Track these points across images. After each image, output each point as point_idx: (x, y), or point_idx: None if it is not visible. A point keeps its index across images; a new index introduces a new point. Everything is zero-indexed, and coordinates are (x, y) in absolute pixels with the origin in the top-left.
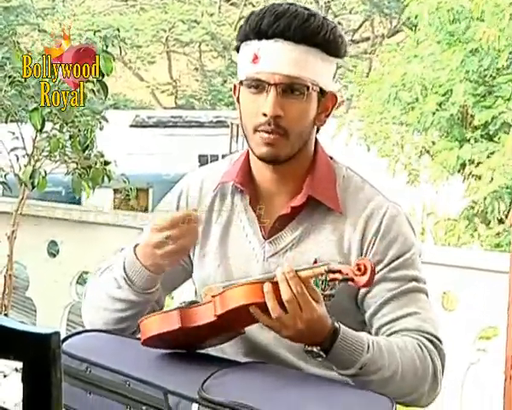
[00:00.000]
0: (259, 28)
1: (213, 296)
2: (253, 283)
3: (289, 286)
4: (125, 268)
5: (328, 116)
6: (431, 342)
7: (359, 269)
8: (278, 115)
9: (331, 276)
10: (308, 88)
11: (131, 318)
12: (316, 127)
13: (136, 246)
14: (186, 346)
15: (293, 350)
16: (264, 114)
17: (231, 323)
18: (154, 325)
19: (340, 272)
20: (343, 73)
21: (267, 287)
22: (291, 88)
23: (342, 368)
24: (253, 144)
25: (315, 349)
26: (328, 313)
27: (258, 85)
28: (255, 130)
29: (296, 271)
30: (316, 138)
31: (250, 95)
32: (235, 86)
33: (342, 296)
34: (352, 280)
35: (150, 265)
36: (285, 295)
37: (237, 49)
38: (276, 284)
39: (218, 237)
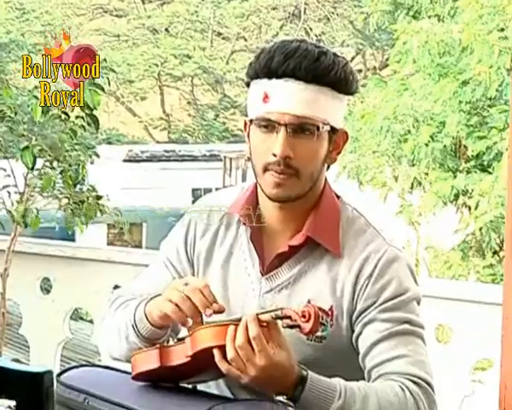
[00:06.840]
0: (269, 67)
1: (184, 338)
2: (220, 325)
3: (246, 331)
4: (135, 317)
5: (339, 153)
6: (416, 384)
7: (304, 316)
8: (288, 156)
9: (283, 321)
10: (318, 128)
11: None
12: (326, 165)
13: (148, 301)
14: (176, 380)
15: None
16: (274, 155)
17: (207, 361)
18: (138, 362)
19: (290, 318)
20: None
21: (230, 330)
22: (301, 128)
23: None
24: (262, 183)
25: (282, 399)
26: (293, 360)
27: (268, 125)
28: (265, 169)
29: (257, 314)
30: (325, 177)
31: (260, 134)
32: (245, 122)
33: (336, 339)
34: (299, 326)
35: (155, 322)
36: (238, 340)
37: (247, 84)
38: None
39: (220, 265)
